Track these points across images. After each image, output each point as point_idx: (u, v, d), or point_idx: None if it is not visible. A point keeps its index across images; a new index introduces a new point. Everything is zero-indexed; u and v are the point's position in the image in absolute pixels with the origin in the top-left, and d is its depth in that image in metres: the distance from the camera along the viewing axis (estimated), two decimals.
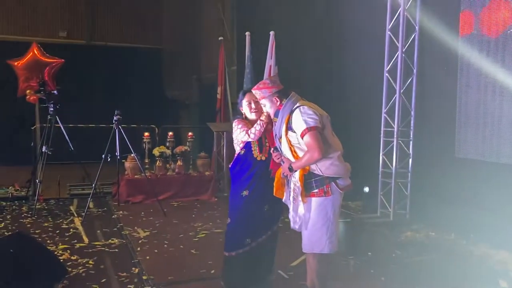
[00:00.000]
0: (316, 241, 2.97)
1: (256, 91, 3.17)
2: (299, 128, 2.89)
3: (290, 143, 2.99)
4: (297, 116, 2.91)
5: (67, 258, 4.32)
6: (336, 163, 2.92)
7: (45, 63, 7.01)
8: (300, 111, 2.92)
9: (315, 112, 2.93)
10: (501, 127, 4.72)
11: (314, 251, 3.01)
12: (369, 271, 4.10)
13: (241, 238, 3.43)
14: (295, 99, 3.06)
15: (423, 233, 5.24)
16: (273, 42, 7.35)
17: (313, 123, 2.87)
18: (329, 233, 2.96)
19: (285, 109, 3.02)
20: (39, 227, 5.47)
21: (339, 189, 2.94)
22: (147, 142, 7.12)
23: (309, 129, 2.85)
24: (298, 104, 2.99)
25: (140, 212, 6.28)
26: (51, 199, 6.96)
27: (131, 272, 4.01)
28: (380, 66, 5.95)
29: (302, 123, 2.87)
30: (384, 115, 5.93)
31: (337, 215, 3.02)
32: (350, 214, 6.27)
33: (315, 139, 2.84)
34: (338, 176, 2.94)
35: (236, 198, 3.46)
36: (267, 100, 3.13)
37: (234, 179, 3.51)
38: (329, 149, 2.91)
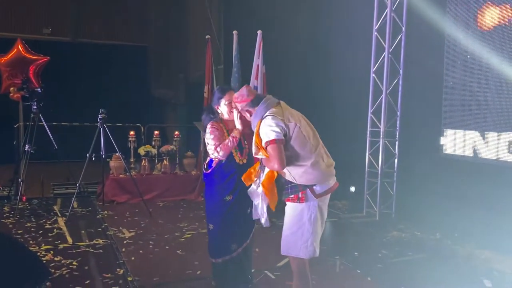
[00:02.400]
0: (291, 245, 2.95)
1: (236, 103, 3.13)
2: (263, 139, 2.86)
3: (259, 147, 2.92)
4: (262, 128, 2.88)
5: (50, 259, 4.24)
6: (309, 171, 2.86)
7: (30, 60, 6.90)
8: (263, 122, 2.88)
9: (278, 122, 2.83)
10: (486, 127, 4.78)
11: (290, 255, 3.00)
12: (356, 271, 4.11)
13: (226, 245, 3.40)
14: (268, 104, 2.96)
15: (408, 233, 5.28)
16: (261, 41, 7.34)
17: (273, 135, 2.81)
18: (304, 238, 2.90)
19: (256, 116, 2.98)
20: (21, 227, 5.36)
21: (315, 196, 2.88)
22: (133, 141, 7.03)
23: (269, 142, 2.81)
24: (267, 112, 2.92)
25: (125, 212, 6.21)
26: (34, 199, 6.84)
27: (116, 273, 3.95)
28: (366, 67, 5.99)
29: (264, 135, 2.84)
30: (370, 115, 5.96)
31: (316, 221, 2.92)
32: (336, 213, 6.29)
33: (274, 152, 2.80)
34: (313, 183, 2.88)
35: (218, 203, 3.38)
36: (244, 111, 3.11)
37: (213, 184, 3.41)
38: (299, 157, 2.86)
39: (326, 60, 7.05)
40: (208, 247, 3.53)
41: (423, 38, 5.61)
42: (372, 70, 5.90)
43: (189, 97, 12.32)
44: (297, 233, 2.92)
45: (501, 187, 4.55)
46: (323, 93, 7.12)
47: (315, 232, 2.94)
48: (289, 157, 2.84)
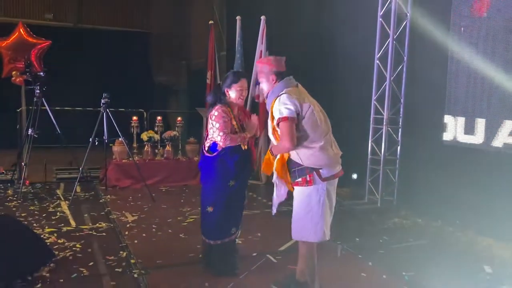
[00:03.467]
0: (301, 229, 3.00)
1: (258, 65, 3.15)
2: (275, 115, 2.90)
3: (275, 130, 2.98)
4: (276, 104, 2.91)
5: (54, 241, 4.27)
6: (317, 154, 2.89)
7: (32, 43, 6.87)
8: (279, 100, 2.90)
9: (294, 101, 2.87)
10: (490, 115, 4.76)
11: (301, 239, 3.04)
12: (357, 256, 4.13)
13: (227, 228, 3.53)
14: (286, 84, 3.01)
15: (410, 220, 5.30)
16: (264, 27, 7.31)
17: (286, 113, 2.84)
18: (313, 222, 2.95)
19: (272, 95, 3.02)
20: (25, 210, 5.40)
21: (321, 179, 2.91)
22: (135, 127, 7.04)
23: (281, 119, 2.84)
24: (284, 90, 2.96)
25: (128, 196, 6.24)
26: (37, 183, 6.87)
27: (119, 255, 3.98)
28: (371, 53, 5.94)
29: (277, 112, 2.87)
30: (374, 102, 5.94)
31: (324, 204, 2.96)
32: (338, 200, 6.27)
33: (286, 129, 2.84)
34: (319, 167, 2.91)
35: (221, 187, 3.45)
36: (264, 77, 3.08)
37: (216, 168, 3.44)
38: (309, 139, 2.89)
39: (330, 46, 7.00)
40: (205, 230, 3.60)
41: (428, 24, 5.55)
42: (376, 57, 5.86)
43: (192, 83, 12.30)
44: (307, 217, 2.96)
45: (504, 175, 4.55)
46: (327, 80, 7.08)
47: (324, 215, 2.99)
48: (299, 137, 2.89)
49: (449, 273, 3.74)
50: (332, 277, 3.61)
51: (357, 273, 3.72)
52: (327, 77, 7.07)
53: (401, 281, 3.57)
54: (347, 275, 3.70)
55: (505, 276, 3.69)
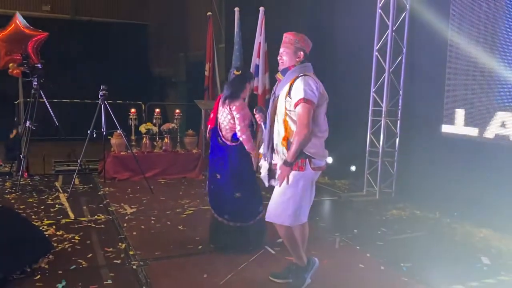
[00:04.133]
0: (280, 213, 2.99)
1: (290, 36, 3.03)
2: (296, 95, 2.86)
3: (286, 108, 2.94)
4: (300, 84, 2.86)
5: (53, 233, 4.27)
6: (316, 143, 2.93)
7: (28, 35, 6.81)
8: (304, 80, 2.87)
9: (318, 88, 2.89)
10: (489, 107, 4.76)
11: (276, 221, 3.03)
12: (355, 248, 4.15)
13: (257, 207, 3.89)
14: (306, 68, 3.00)
15: (408, 211, 5.32)
16: (263, 18, 7.27)
17: (311, 96, 2.83)
18: (294, 206, 2.98)
19: (294, 72, 2.97)
20: (23, 202, 5.40)
21: (312, 168, 2.94)
22: (134, 119, 7.01)
23: (305, 101, 2.82)
24: (308, 73, 2.96)
25: (127, 189, 6.24)
26: (35, 175, 6.87)
27: (118, 247, 3.99)
28: (370, 45, 5.92)
29: (301, 92, 2.83)
30: (373, 94, 5.93)
31: (307, 191, 3.01)
32: (337, 192, 6.33)
33: (307, 112, 2.82)
34: (314, 157, 2.94)
35: (249, 172, 3.85)
36: (291, 49, 3.00)
37: (242, 154, 3.78)
38: (316, 128, 2.92)
39: (329, 38, 6.97)
40: (235, 214, 3.83)
41: (427, 16, 5.53)
42: (375, 49, 5.84)
43: (190, 76, 12.26)
44: (289, 201, 2.97)
45: (501, 166, 4.55)
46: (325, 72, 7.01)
47: (307, 202, 3.04)
48: None
49: (447, 264, 3.76)
50: (330, 269, 3.62)
51: (355, 264, 3.74)
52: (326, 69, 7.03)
53: (399, 272, 3.58)
54: (345, 267, 3.71)
55: (502, 266, 3.71)
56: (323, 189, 6.53)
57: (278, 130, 3.02)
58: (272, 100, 3.09)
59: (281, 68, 3.05)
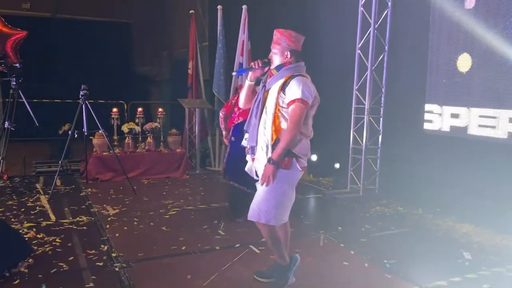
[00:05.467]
0: (265, 212, 2.94)
1: (277, 34, 3.01)
2: (292, 94, 2.84)
3: (278, 104, 2.91)
4: (297, 83, 2.86)
5: (33, 236, 4.18)
6: (305, 144, 2.94)
7: (7, 34, 6.66)
8: (302, 80, 2.88)
9: (313, 90, 2.91)
10: (470, 104, 4.82)
11: (260, 221, 2.98)
12: (339, 245, 4.16)
13: None
14: (301, 68, 3.01)
15: (391, 208, 5.36)
16: (246, 16, 7.25)
17: (307, 98, 2.84)
18: (279, 206, 2.95)
19: (289, 70, 2.95)
20: (2, 205, 5.27)
21: (299, 167, 2.93)
22: (116, 118, 6.91)
23: (302, 101, 2.81)
24: (303, 73, 2.96)
25: (109, 189, 6.16)
26: (15, 177, 6.73)
27: (100, 249, 3.93)
28: (352, 43, 5.94)
29: (298, 91, 2.82)
30: (355, 92, 5.95)
31: (292, 191, 3.01)
32: (321, 189, 6.34)
33: (301, 113, 2.82)
34: (301, 156, 2.93)
35: None
36: (278, 49, 2.99)
37: None
38: (305, 128, 2.93)
39: (312, 36, 6.94)
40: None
41: (409, 13, 5.58)
42: (358, 46, 5.86)
43: (173, 74, 12.16)
44: (272, 201, 2.93)
45: (483, 163, 4.62)
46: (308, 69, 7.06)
47: (291, 201, 3.03)
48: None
49: (430, 260, 3.80)
50: (315, 266, 3.63)
51: (340, 262, 3.75)
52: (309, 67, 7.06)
53: (382, 269, 3.60)
54: (330, 264, 3.72)
55: (483, 261, 3.76)
56: (307, 186, 6.54)
57: (265, 123, 2.97)
58: (262, 92, 3.04)
59: (273, 66, 3.02)
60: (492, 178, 4.44)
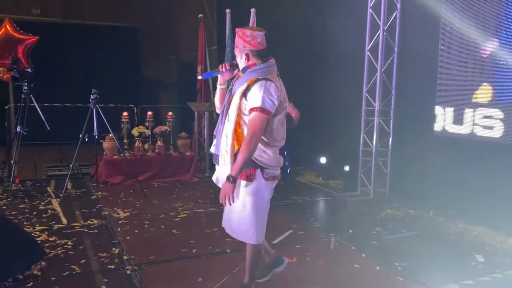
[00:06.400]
0: (246, 230, 2.79)
1: (236, 34, 2.75)
2: (252, 102, 2.57)
3: (240, 111, 2.66)
4: (259, 88, 2.57)
5: (45, 239, 4.22)
6: (269, 153, 2.69)
7: (18, 39, 6.75)
8: (264, 86, 2.57)
9: (278, 96, 2.60)
10: (480, 105, 4.78)
11: (244, 240, 2.85)
12: (350, 248, 4.15)
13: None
14: (271, 69, 2.71)
15: (402, 211, 5.33)
16: (254, 20, 7.24)
17: (269, 106, 2.56)
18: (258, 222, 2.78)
19: (254, 72, 2.66)
20: (15, 208, 5.33)
21: (264, 177, 2.70)
22: (126, 122, 6.97)
23: (262, 110, 2.54)
24: (268, 76, 2.64)
25: (120, 192, 6.19)
26: (27, 181, 6.80)
27: (111, 252, 3.95)
28: (361, 45, 5.93)
29: (258, 99, 2.55)
30: (365, 94, 5.93)
31: (268, 202, 2.81)
32: (331, 192, 6.32)
33: (261, 123, 2.56)
34: (267, 167, 2.70)
35: None
36: (237, 51, 2.74)
37: None
38: (270, 138, 2.68)
39: (320, 39, 6.98)
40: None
41: (418, 15, 5.55)
42: (367, 49, 5.85)
43: (182, 78, 12.21)
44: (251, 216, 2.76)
45: (494, 165, 4.57)
46: (317, 73, 7.07)
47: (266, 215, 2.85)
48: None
49: (442, 263, 3.77)
50: (326, 269, 3.62)
51: (351, 265, 3.74)
52: (318, 70, 7.06)
53: (394, 272, 3.58)
54: (341, 267, 3.71)
55: (496, 264, 3.72)
56: (316, 189, 6.53)
57: (227, 131, 2.71)
58: (228, 97, 2.79)
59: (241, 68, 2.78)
60: (504, 180, 4.40)
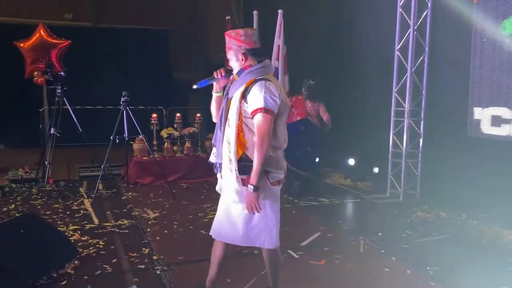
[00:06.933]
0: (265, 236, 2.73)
1: (226, 37, 2.71)
2: (254, 103, 2.51)
3: (241, 114, 2.58)
4: (259, 89, 2.51)
5: (78, 238, 4.33)
6: (274, 156, 2.61)
7: (52, 44, 6.97)
8: (264, 86, 2.52)
9: (279, 95, 2.55)
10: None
11: (264, 246, 2.79)
12: (380, 251, 4.08)
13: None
14: (267, 68, 2.66)
15: (433, 214, 5.21)
16: (281, 21, 7.24)
17: (272, 106, 2.50)
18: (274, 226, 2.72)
19: (251, 73, 2.61)
20: (49, 208, 5.49)
21: (271, 183, 2.63)
22: (155, 124, 7.08)
23: (265, 111, 2.48)
24: (266, 76, 2.60)
25: (149, 193, 6.29)
26: (60, 181, 6.99)
27: (141, 252, 4.02)
28: (391, 44, 5.84)
29: (260, 100, 2.49)
30: (395, 95, 5.84)
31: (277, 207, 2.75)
32: (359, 194, 6.24)
33: (268, 124, 2.49)
34: (272, 171, 2.63)
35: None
36: (233, 53, 2.69)
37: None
38: (274, 140, 2.59)
39: (349, 39, 6.92)
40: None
41: (450, 13, 5.43)
42: (397, 48, 5.75)
43: None
44: (265, 222, 2.70)
45: None
46: (346, 73, 7.00)
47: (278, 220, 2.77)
48: None
49: (476, 267, 3.66)
50: (355, 272, 3.57)
51: (381, 268, 3.67)
52: (347, 70, 6.99)
53: (425, 276, 3.50)
54: (370, 270, 3.65)
55: None
56: (345, 191, 6.46)
57: (228, 137, 2.64)
58: (225, 102, 2.72)
59: (235, 73, 2.72)
60: None
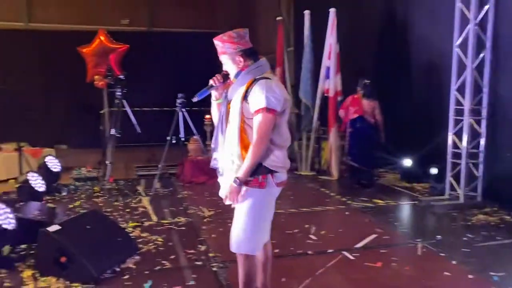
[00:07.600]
0: (244, 241, 2.65)
1: (218, 42, 2.60)
2: (256, 103, 2.45)
3: (243, 116, 2.52)
4: (260, 88, 2.45)
5: (138, 235, 4.51)
6: (280, 156, 2.55)
7: (111, 48, 7.30)
8: (265, 84, 2.46)
9: (282, 93, 2.49)
10: None
11: (243, 252, 2.71)
12: (439, 254, 3.94)
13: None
14: (263, 67, 2.59)
15: (496, 217, 4.96)
16: (334, 19, 7.18)
17: (274, 105, 2.43)
18: (261, 232, 2.67)
19: (249, 74, 2.55)
20: (110, 205, 5.75)
21: (275, 184, 2.56)
22: (209, 124, 7.25)
23: (268, 110, 2.42)
24: (265, 74, 2.55)
25: (204, 192, 6.43)
26: (120, 180, 7.30)
27: (198, 249, 4.12)
28: (449, 40, 5.62)
29: (262, 99, 2.42)
30: (454, 92, 5.61)
31: (271, 210, 2.70)
32: (416, 196, 6.06)
33: (269, 123, 2.43)
34: (277, 170, 2.55)
35: None
36: (228, 57, 2.60)
37: None
38: (278, 138, 2.54)
39: (404, 35, 6.73)
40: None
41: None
42: (456, 44, 5.53)
43: None
44: (256, 226, 2.63)
45: None
46: (401, 71, 6.81)
47: (269, 221, 2.72)
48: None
49: None
50: (414, 276, 3.48)
51: (440, 272, 3.55)
52: (403, 68, 6.80)
53: (489, 282, 3.35)
54: (430, 274, 3.54)
55: None
56: (401, 192, 6.29)
57: (230, 139, 2.59)
58: (225, 105, 2.66)
59: (233, 76, 2.64)
60: None
